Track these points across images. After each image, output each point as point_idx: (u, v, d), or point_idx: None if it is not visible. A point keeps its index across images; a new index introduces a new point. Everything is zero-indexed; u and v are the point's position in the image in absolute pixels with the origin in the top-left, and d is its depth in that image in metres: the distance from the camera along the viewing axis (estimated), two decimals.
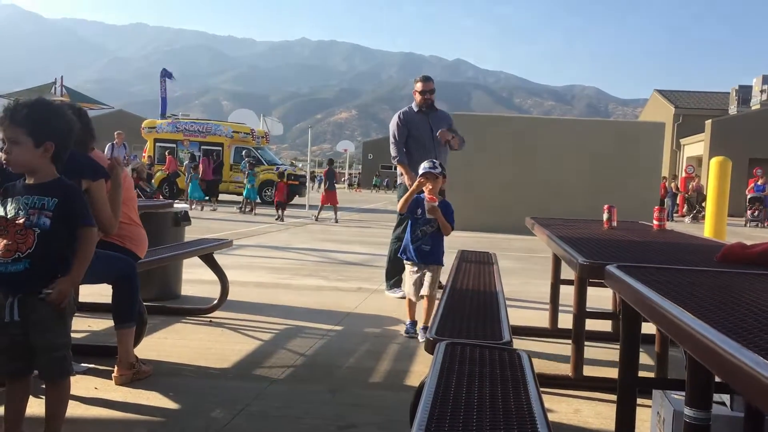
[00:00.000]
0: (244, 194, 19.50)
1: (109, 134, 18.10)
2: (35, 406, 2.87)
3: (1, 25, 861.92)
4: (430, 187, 4.54)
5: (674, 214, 24.63)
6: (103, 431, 2.94)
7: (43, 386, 2.62)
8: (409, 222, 4.72)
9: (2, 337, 2.49)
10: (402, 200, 4.78)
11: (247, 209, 19.00)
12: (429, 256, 4.61)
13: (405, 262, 4.76)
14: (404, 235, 6.85)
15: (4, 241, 2.44)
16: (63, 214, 2.49)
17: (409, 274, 4.70)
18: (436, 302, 3.82)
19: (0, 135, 2.60)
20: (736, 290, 1.92)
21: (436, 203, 4.49)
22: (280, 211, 16.68)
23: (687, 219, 23.85)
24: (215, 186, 22.29)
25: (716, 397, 2.68)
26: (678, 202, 25.99)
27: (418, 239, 4.61)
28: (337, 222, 16.36)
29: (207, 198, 20.57)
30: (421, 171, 4.64)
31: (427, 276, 4.58)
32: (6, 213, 2.46)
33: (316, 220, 16.55)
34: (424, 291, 4.58)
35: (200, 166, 21.23)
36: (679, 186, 25.83)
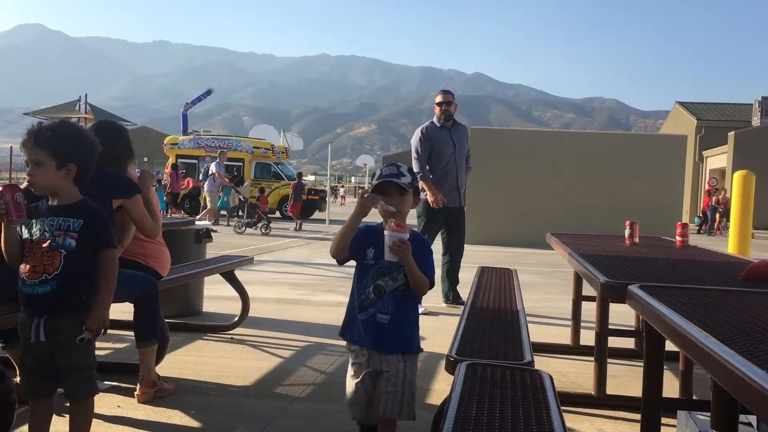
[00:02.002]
0: (218, 205, 19.81)
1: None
2: (59, 425, 2.89)
3: (28, 43, 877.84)
4: (393, 210, 2.56)
5: (715, 228, 23.92)
6: None
7: (67, 404, 2.65)
8: (356, 272, 2.65)
9: (28, 357, 2.53)
10: (338, 235, 2.58)
11: (218, 221, 19.04)
12: (389, 337, 2.52)
13: (347, 346, 2.68)
14: None
15: (31, 262, 2.48)
16: (88, 235, 2.52)
17: (351, 369, 2.62)
18: (457, 319, 3.51)
19: (24, 157, 2.64)
20: (761, 311, 1.89)
21: (407, 234, 2.47)
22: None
23: (723, 232, 23.10)
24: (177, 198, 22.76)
25: (742, 417, 2.63)
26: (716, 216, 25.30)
27: (369, 303, 2.55)
28: (297, 230, 17.63)
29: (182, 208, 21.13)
30: (375, 180, 2.66)
31: (388, 380, 2.50)
32: (31, 235, 2.50)
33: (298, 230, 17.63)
34: (383, 413, 2.51)
35: (169, 178, 21.89)
36: (720, 200, 24.95)
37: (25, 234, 2.51)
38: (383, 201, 2.55)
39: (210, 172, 17.85)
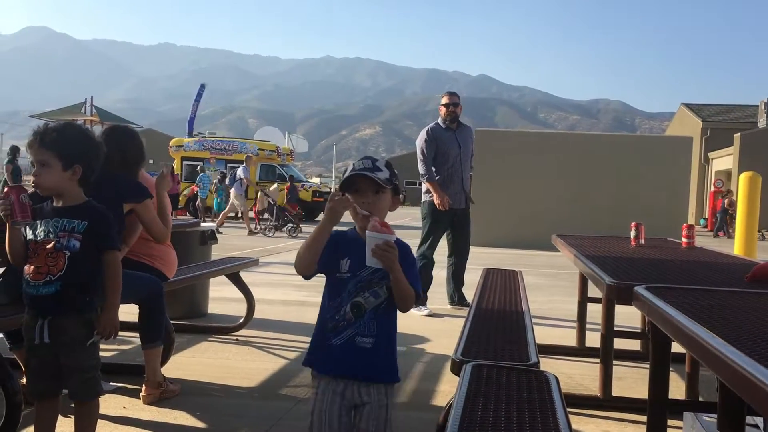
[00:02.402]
0: (215, 209, 19.90)
1: None
2: (64, 425, 2.90)
3: (34, 46, 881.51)
4: (368, 214, 2.15)
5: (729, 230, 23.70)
6: None
7: (73, 406, 2.66)
8: (327, 288, 2.24)
9: (32, 358, 2.54)
10: (304, 246, 2.16)
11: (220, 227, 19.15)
12: (372, 363, 2.14)
13: (313, 377, 2.23)
14: (430, 253, 6.85)
15: (35, 263, 2.49)
16: (92, 236, 2.52)
17: (317, 404, 2.15)
18: (462, 321, 3.49)
19: (29, 158, 2.65)
20: (767, 312, 1.89)
21: (394, 236, 2.09)
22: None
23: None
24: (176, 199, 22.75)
25: (749, 419, 2.62)
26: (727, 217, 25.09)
27: (347, 324, 2.15)
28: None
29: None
30: (348, 172, 2.27)
31: (369, 415, 2.13)
32: (35, 236, 2.51)
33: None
34: None
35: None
36: (731, 202, 24.69)
37: (30, 235, 2.52)
38: (353, 198, 2.16)
39: (237, 177, 17.83)
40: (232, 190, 17.81)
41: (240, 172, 18.05)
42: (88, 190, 2.67)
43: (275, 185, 21.51)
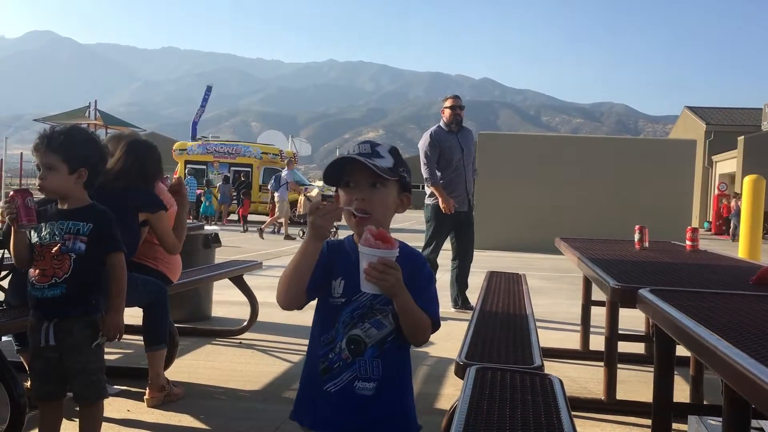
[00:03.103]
0: (201, 212, 20.08)
1: None
2: (69, 429, 2.90)
3: (39, 50, 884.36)
4: (363, 216, 1.67)
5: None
6: None
7: (77, 408, 2.66)
8: (317, 316, 1.78)
9: (37, 360, 2.54)
10: (286, 274, 1.68)
11: (211, 223, 19.49)
12: (377, 416, 1.69)
13: None
14: (434, 256, 6.82)
15: (40, 266, 2.49)
16: (97, 238, 2.53)
17: None
18: (465, 324, 3.48)
19: (35, 161, 2.67)
20: None
21: (395, 251, 1.57)
22: (244, 224, 18.36)
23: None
24: None
25: (754, 422, 2.62)
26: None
27: (342, 366, 1.68)
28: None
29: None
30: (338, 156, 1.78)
31: None
32: (41, 239, 2.51)
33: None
34: None
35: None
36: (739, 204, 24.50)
37: (35, 238, 2.52)
38: (344, 195, 1.68)
39: (283, 181, 17.68)
40: (277, 195, 17.56)
41: (285, 175, 17.89)
42: (106, 200, 2.69)
43: (316, 190, 21.53)
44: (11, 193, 2.49)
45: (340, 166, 1.69)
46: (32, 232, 2.52)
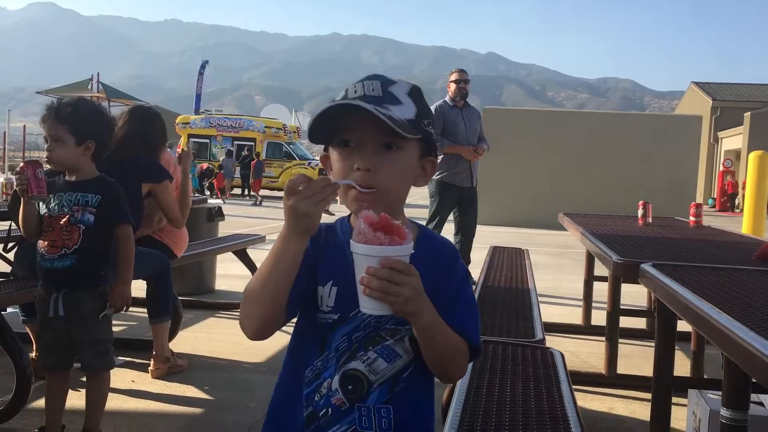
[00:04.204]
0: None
1: None
2: (74, 399, 2.94)
3: (40, 22, 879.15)
4: (365, 192, 1.13)
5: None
6: (140, 423, 2.99)
7: (83, 378, 2.69)
8: (296, 338, 1.28)
9: (46, 331, 2.56)
10: (259, 275, 1.12)
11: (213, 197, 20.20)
12: None
13: None
14: (437, 231, 6.83)
15: (49, 237, 2.51)
16: (105, 210, 2.55)
17: None
18: None
19: (39, 133, 2.67)
20: None
21: (409, 245, 1.00)
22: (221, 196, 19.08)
23: None
24: None
25: (753, 396, 2.63)
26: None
27: (334, 416, 1.15)
28: (258, 205, 18.95)
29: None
30: (333, 101, 1.14)
31: None
32: (50, 210, 2.53)
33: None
34: None
35: None
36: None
37: (43, 209, 2.53)
38: (339, 160, 1.17)
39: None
40: None
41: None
42: (108, 168, 2.69)
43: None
44: (21, 164, 2.50)
45: (334, 117, 1.14)
46: (41, 203, 2.53)
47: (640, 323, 4.87)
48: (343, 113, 1.13)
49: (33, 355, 3.32)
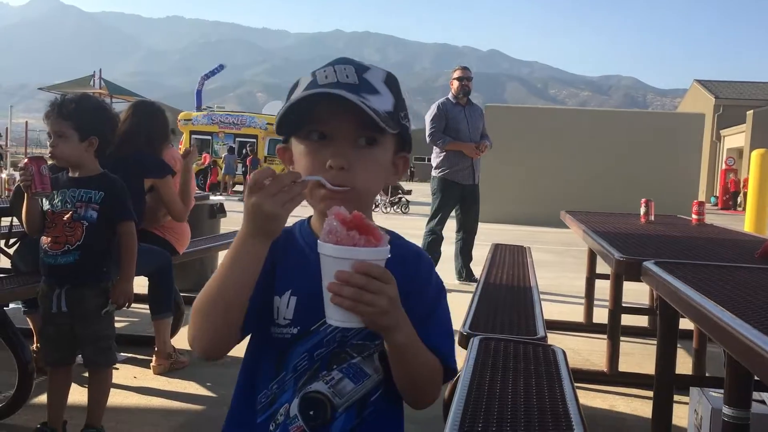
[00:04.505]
0: None
1: None
2: (76, 394, 2.94)
3: (42, 18, 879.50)
4: (336, 189, 1.01)
5: None
6: (141, 419, 3.00)
7: (85, 374, 2.69)
8: (250, 358, 1.19)
9: (48, 326, 2.57)
10: (213, 284, 1.00)
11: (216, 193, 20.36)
12: None
13: None
14: (439, 228, 6.84)
15: (53, 234, 2.51)
16: (108, 207, 2.55)
17: None
18: (469, 297, 3.51)
19: (42, 129, 2.67)
20: None
21: (385, 249, 0.90)
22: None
23: None
24: None
25: (755, 395, 2.63)
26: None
27: None
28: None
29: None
30: (302, 91, 1.03)
31: None
32: (53, 206, 2.53)
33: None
34: None
35: None
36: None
37: (46, 205, 2.54)
38: (307, 155, 1.05)
39: None
40: None
41: None
42: (111, 165, 2.69)
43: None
44: (26, 160, 2.50)
45: (308, 108, 1.01)
46: (44, 199, 2.54)
47: (641, 321, 4.87)
48: (318, 105, 1.00)
49: (34, 347, 3.33)
